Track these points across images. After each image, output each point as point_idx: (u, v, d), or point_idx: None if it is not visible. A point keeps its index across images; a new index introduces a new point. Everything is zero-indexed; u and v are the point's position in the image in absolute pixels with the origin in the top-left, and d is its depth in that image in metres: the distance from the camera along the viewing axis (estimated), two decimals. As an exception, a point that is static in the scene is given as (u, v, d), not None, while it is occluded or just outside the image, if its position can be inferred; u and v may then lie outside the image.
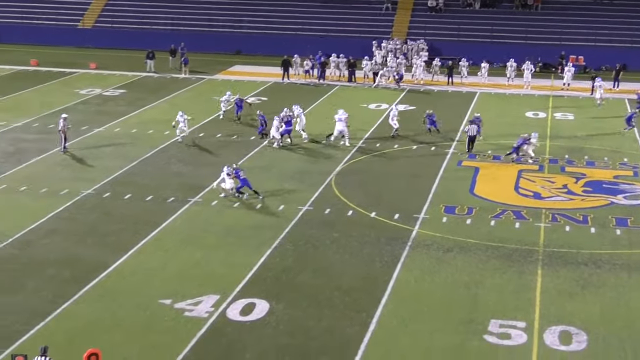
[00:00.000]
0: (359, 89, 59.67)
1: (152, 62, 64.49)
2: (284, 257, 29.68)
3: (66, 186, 36.54)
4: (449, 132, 46.59)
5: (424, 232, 31.95)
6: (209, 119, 49.42)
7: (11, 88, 57.67)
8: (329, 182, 37.69)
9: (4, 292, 26.58)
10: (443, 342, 23.79)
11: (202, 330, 24.28)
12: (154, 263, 29.07)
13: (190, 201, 34.85)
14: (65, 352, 22.56)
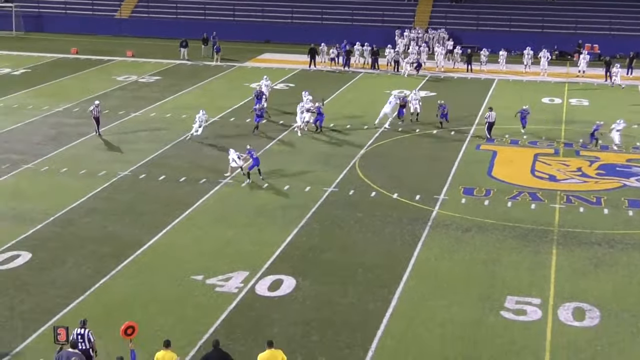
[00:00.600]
0: (382, 76, 59.47)
1: (185, 50, 64.58)
2: (311, 235, 29.71)
3: (104, 168, 36.72)
4: (468, 116, 46.35)
5: (443, 213, 31.86)
6: (239, 104, 49.44)
7: (53, 75, 57.96)
8: (353, 165, 37.63)
9: (47, 268, 26.79)
10: (461, 317, 23.74)
11: (232, 305, 24.37)
12: (186, 241, 29.18)
13: (221, 182, 34.93)
14: (104, 324, 22.71)
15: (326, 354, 21.76)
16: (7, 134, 42.57)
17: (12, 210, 31.72)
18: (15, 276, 26.17)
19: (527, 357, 21.66)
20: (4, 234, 29.43)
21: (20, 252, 27.96)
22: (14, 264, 27.03)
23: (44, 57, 64.85)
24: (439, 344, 22.21)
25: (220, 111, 47.24)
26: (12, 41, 72.28)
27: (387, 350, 21.95)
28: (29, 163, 37.43)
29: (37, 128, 43.54)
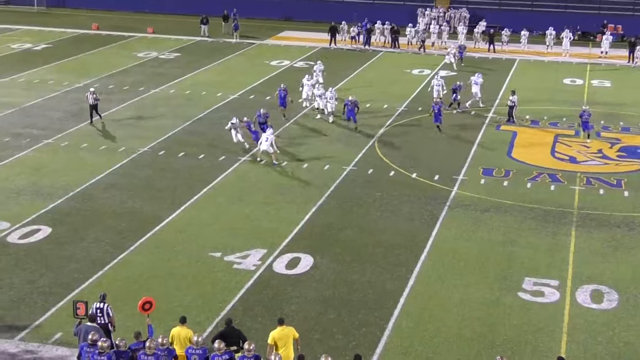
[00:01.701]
0: (402, 55, 59.18)
1: (206, 27, 64.50)
2: (329, 214, 29.73)
3: (124, 144, 36.83)
4: (489, 97, 46.08)
5: (462, 193, 31.78)
6: (259, 81, 49.40)
7: (73, 50, 58.06)
8: (373, 144, 37.57)
9: (66, 243, 26.96)
10: (478, 297, 23.74)
11: (250, 282, 24.46)
12: (205, 218, 29.27)
13: (240, 160, 34.96)
14: (122, 299, 22.87)
15: (343, 332, 21.83)
16: (29, 109, 42.74)
17: (32, 185, 31.91)
18: (36, 250, 26.37)
19: (544, 339, 21.64)
20: (24, 208, 29.64)
21: (41, 226, 28.15)
22: (34, 239, 27.23)
23: (65, 33, 64.95)
24: (456, 324, 22.22)
25: (240, 88, 47.21)
26: (33, 16, 72.42)
27: (404, 330, 21.98)
28: (50, 138, 37.60)
29: (58, 103, 43.69)
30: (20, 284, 24.14)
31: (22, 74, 50.33)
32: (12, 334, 21.47)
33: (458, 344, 21.27)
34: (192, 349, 18.28)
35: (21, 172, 33.22)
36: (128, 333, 19.44)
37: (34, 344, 21.02)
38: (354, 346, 21.00)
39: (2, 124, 39.94)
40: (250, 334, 19.98)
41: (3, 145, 36.56)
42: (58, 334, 21.31)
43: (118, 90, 46.74)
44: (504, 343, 21.37)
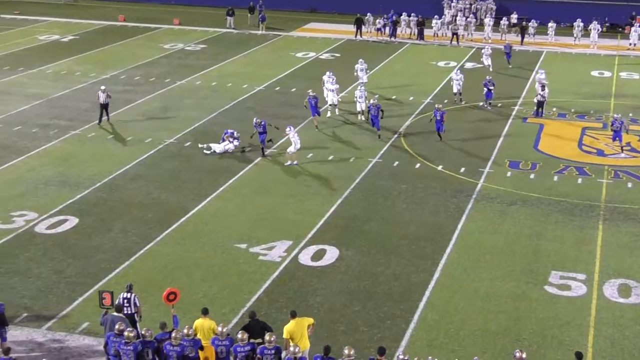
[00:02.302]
0: (428, 47, 58.95)
1: (232, 19, 64.57)
2: (354, 206, 29.71)
3: (150, 135, 36.97)
4: (515, 89, 45.84)
5: (488, 186, 31.65)
6: (284, 73, 49.41)
7: (101, 42, 58.32)
8: (398, 136, 37.48)
9: (93, 233, 27.13)
10: (504, 290, 23.64)
11: (275, 274, 24.50)
12: (230, 209, 29.34)
13: (266, 151, 34.96)
14: (148, 290, 22.99)
15: (368, 325, 21.82)
16: (56, 100, 43.02)
17: (60, 175, 32.11)
18: (63, 240, 26.55)
19: (571, 333, 21.52)
20: (52, 199, 29.84)
21: (68, 217, 28.34)
22: (61, 229, 27.41)
23: (92, 24, 65.24)
24: (481, 317, 22.15)
25: (266, 80, 47.23)
26: (61, 8, 72.80)
27: (429, 323, 21.94)
28: (77, 129, 37.82)
29: (85, 94, 43.91)
30: (47, 273, 24.33)
31: (50, 65, 50.64)
32: (40, 323, 21.65)
33: (483, 337, 21.20)
34: (219, 340, 18.35)
35: (49, 163, 33.44)
36: (154, 323, 19.53)
37: (61, 333, 21.18)
38: (378, 338, 20.99)
39: (30, 115, 40.22)
40: (276, 326, 19.99)
41: (31, 136, 36.82)
42: (85, 324, 21.46)
43: (144, 82, 46.92)
44: (529, 337, 21.27)
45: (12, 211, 28.69)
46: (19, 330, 21.18)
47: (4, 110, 40.79)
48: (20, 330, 21.20)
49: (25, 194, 30.29)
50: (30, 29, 62.92)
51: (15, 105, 41.75)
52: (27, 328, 21.35)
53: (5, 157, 34.13)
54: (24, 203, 29.45)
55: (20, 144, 35.85)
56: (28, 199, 29.88)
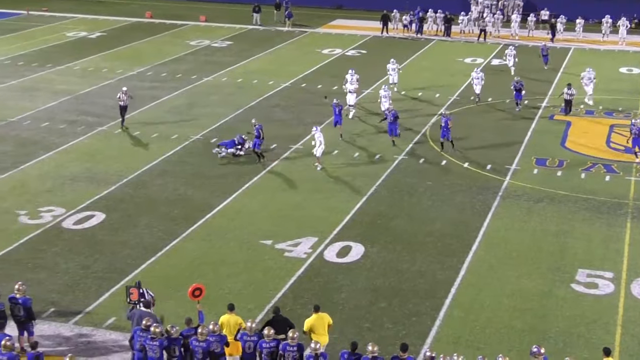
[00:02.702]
0: (455, 44, 58.76)
1: (258, 16, 64.63)
2: (380, 203, 29.68)
3: (176, 131, 37.10)
4: (542, 86, 45.58)
5: (515, 183, 31.50)
6: (310, 70, 49.41)
7: (128, 38, 58.62)
8: (424, 133, 37.38)
9: (119, 229, 27.28)
10: (530, 288, 23.53)
11: (301, 270, 24.52)
12: (256, 205, 29.39)
13: (292, 148, 35.01)
14: (174, 285, 23.11)
15: (393, 322, 21.79)
16: (83, 96, 43.30)
17: (86, 171, 32.31)
18: (90, 236, 26.73)
19: (598, 331, 21.38)
20: (79, 194, 30.04)
21: (95, 212, 28.52)
22: (88, 224, 27.59)
23: (119, 21, 65.58)
24: (507, 315, 22.05)
25: (291, 77, 47.25)
26: (88, 5, 73.16)
27: (455, 320, 21.88)
28: (104, 125, 38.04)
29: (112, 91, 44.06)
30: (74, 269, 24.50)
31: (77, 61, 50.96)
32: (67, 318, 21.80)
33: (509, 335, 21.11)
34: (247, 335, 18.37)
35: (76, 159, 33.66)
36: (179, 319, 19.60)
37: (87, 328, 21.32)
38: (404, 335, 20.94)
39: (58, 111, 40.51)
40: (301, 322, 19.99)
41: (58, 132, 37.08)
42: (111, 319, 21.58)
43: (171, 79, 47.11)
44: (556, 335, 21.15)
45: (40, 206, 28.91)
46: (47, 325, 21.35)
47: (32, 106, 41.11)
48: (48, 325, 21.37)
49: (52, 190, 30.52)
50: (58, 25, 63.34)
51: (44, 101, 42.07)
52: (54, 323, 21.51)
53: (33, 152, 34.40)
54: (52, 198, 29.67)
55: (48, 139, 36.13)
56: (55, 194, 30.11)
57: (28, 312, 19.89)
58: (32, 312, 20.09)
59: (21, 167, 32.85)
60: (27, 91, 44.06)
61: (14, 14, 67.64)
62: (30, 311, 19.98)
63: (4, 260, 25.03)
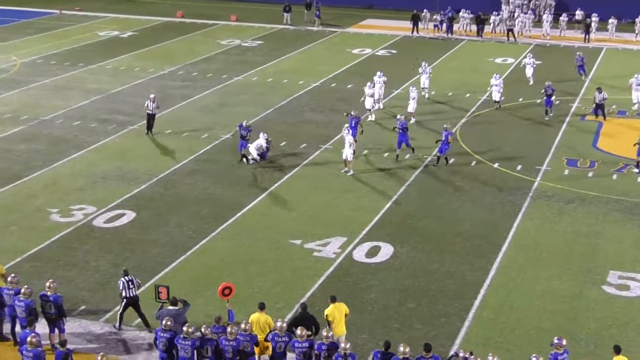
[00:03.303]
0: (486, 44, 58.43)
1: (288, 15, 64.65)
2: (409, 203, 29.58)
3: (206, 130, 37.22)
4: (574, 86, 45.21)
5: (545, 184, 31.27)
6: (340, 70, 49.35)
7: (159, 38, 58.88)
8: (454, 133, 37.18)
9: (150, 228, 27.41)
10: (561, 289, 23.36)
11: (330, 270, 24.50)
12: (285, 205, 29.41)
13: (321, 148, 35.00)
14: (204, 284, 23.21)
15: (422, 322, 21.71)
16: (115, 95, 43.56)
17: (117, 169, 32.49)
18: (121, 234, 26.89)
19: (629, 333, 21.18)
20: (110, 193, 30.22)
21: (125, 211, 28.67)
22: (119, 222, 27.75)
23: (151, 20, 65.90)
24: (537, 316, 21.90)
25: (321, 77, 47.23)
26: (120, 4, 73.56)
27: (484, 321, 21.76)
28: (135, 124, 38.23)
29: (143, 90, 44.33)
30: (105, 267, 24.65)
31: (109, 61, 51.27)
32: (98, 315, 21.95)
33: (539, 336, 20.94)
34: (278, 336, 18.33)
35: (107, 157, 33.86)
36: (209, 318, 19.69)
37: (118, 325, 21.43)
38: (433, 336, 20.85)
39: (90, 109, 40.79)
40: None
41: (90, 131, 37.33)
42: (141, 317, 21.68)
43: (201, 78, 47.26)
44: (586, 337, 20.98)
45: (72, 205, 29.12)
46: (77, 322, 21.49)
47: (64, 105, 41.43)
48: (78, 322, 21.51)
49: (84, 188, 30.72)
50: (90, 25, 63.76)
51: (76, 100, 42.38)
52: (84, 320, 21.65)
53: (65, 151, 34.66)
54: (83, 197, 29.88)
55: (80, 138, 36.39)
56: (87, 192, 30.31)
57: (59, 310, 20.03)
58: (63, 309, 20.23)
59: (53, 165, 33.11)
60: (60, 90, 44.41)
61: (47, 14, 68.20)
62: (62, 308, 20.12)
63: (36, 257, 25.25)
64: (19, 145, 35.41)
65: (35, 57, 52.11)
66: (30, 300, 19.77)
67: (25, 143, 35.66)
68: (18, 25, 63.13)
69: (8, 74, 47.80)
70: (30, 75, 47.46)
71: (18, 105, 41.39)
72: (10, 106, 41.12)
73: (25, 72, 48.12)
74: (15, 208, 28.98)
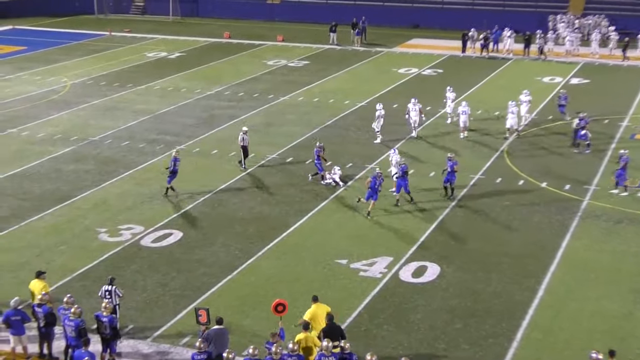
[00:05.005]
0: (532, 63, 58.07)
1: (334, 35, 64.89)
2: (455, 222, 29.44)
3: (253, 150, 37.31)
4: (622, 105, 44.73)
5: (594, 203, 30.94)
6: (386, 89, 49.38)
7: (206, 58, 59.47)
8: (501, 152, 37.00)
9: (197, 247, 27.58)
10: (611, 309, 23.06)
11: (376, 289, 24.44)
12: (331, 224, 29.43)
13: (367, 167, 34.98)
14: (250, 304, 23.29)
15: (469, 342, 21.56)
16: (162, 115, 44.01)
17: (165, 190, 32.73)
18: (168, 254, 27.09)
19: (680, 356, 20.84)
20: (157, 212, 30.49)
21: (172, 230, 28.91)
22: (166, 242, 27.98)
23: (198, 41, 66.58)
24: (587, 337, 21.63)
25: (367, 96, 47.26)
26: (168, 25, 74.56)
27: (533, 342, 21.54)
28: (182, 144, 38.54)
29: (190, 110, 44.80)
30: (152, 286, 24.85)
31: (157, 81, 51.87)
32: (145, 334, 22.12)
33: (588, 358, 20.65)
34: (324, 356, 18.29)
35: (155, 177, 34.16)
36: (256, 338, 19.73)
37: (165, 345, 21.59)
38: (480, 357, 20.72)
39: (138, 130, 41.26)
40: (376, 342, 19.94)
41: (138, 151, 37.74)
42: (188, 337, 21.80)
43: (248, 98, 47.58)
44: (636, 358, 20.69)
45: (120, 224, 29.43)
46: (125, 341, 21.66)
47: (113, 125, 41.96)
48: (127, 341, 21.69)
49: (132, 208, 31.04)
50: (139, 46, 64.62)
51: (125, 120, 42.90)
52: (132, 339, 21.83)
53: (114, 171, 35.08)
54: (131, 216, 30.19)
55: (128, 158, 36.81)
56: (135, 212, 30.61)
57: (114, 331, 20.24)
58: (118, 330, 20.47)
59: (102, 185, 33.51)
60: (109, 110, 45.01)
61: (97, 35, 69.28)
62: (116, 329, 20.36)
63: (85, 277, 25.54)
64: (68, 165, 35.93)
65: (85, 78, 52.92)
66: (80, 320, 19.98)
67: (74, 163, 36.17)
68: (69, 47, 64.20)
69: (59, 95, 48.58)
70: (80, 96, 48.19)
71: (68, 125, 42.02)
72: (60, 127, 41.75)
73: (76, 93, 48.87)
74: (65, 228, 29.37)
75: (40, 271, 22.26)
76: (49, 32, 71.65)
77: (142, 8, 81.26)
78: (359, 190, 32.23)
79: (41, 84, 51.34)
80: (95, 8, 79.46)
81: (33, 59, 59.27)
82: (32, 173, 34.98)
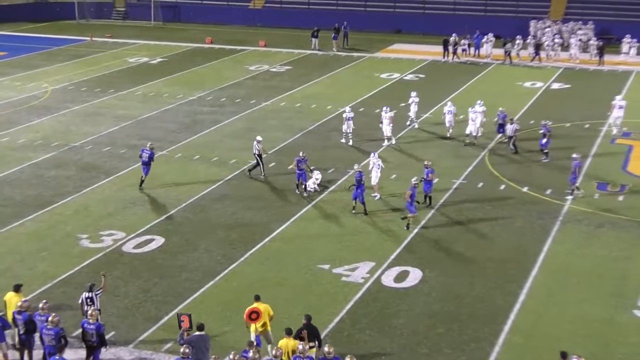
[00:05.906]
0: (514, 68, 58.30)
1: (316, 40, 64.96)
2: (438, 227, 29.49)
3: (235, 155, 37.35)
4: (602, 110, 44.93)
5: (575, 208, 31.07)
6: (368, 94, 49.46)
7: (188, 63, 59.39)
8: (483, 158, 37.11)
9: (179, 252, 27.49)
10: (591, 314, 23.16)
11: (358, 295, 24.44)
12: (314, 230, 29.41)
13: (349, 172, 34.97)
14: (233, 309, 23.21)
15: (451, 347, 21.59)
16: (144, 121, 43.88)
17: (146, 195, 32.67)
18: (150, 260, 26.98)
19: (661, 359, 20.95)
20: (139, 218, 30.38)
21: (154, 236, 28.80)
22: (148, 248, 27.87)
23: (180, 47, 66.49)
24: (568, 342, 21.65)
25: (349, 101, 47.26)
26: (150, 31, 74.40)
27: (514, 346, 21.59)
28: (164, 150, 38.45)
29: (173, 116, 44.70)
30: (134, 292, 24.74)
31: (139, 87, 51.72)
32: (127, 341, 21.99)
33: (570, 362, 20.75)
34: (300, 358, 18.34)
35: (136, 183, 33.97)
36: (237, 344, 19.66)
37: (147, 351, 21.48)
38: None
39: (119, 135, 41.10)
40: (359, 347, 19.92)
41: (120, 157, 37.60)
42: (170, 343, 21.68)
43: (230, 103, 47.53)
44: (618, 363, 20.77)
45: (101, 230, 29.30)
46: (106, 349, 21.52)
47: (94, 131, 41.79)
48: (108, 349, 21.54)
49: (113, 214, 30.91)
50: (121, 51, 64.45)
51: (106, 126, 42.73)
52: (114, 347, 21.67)
53: (95, 177, 34.92)
54: (113, 222, 30.06)
55: (109, 164, 36.66)
56: (116, 218, 30.48)
57: (101, 338, 20.08)
58: (105, 338, 20.29)
59: (83, 191, 33.36)
60: (90, 116, 44.82)
61: (78, 41, 69.05)
62: (103, 337, 20.18)
63: (66, 283, 25.38)
64: (49, 171, 35.74)
65: (66, 83, 52.70)
66: (59, 328, 19.82)
67: (55, 169, 35.99)
68: (50, 53, 63.94)
69: (39, 100, 48.34)
70: (61, 101, 47.97)
71: (49, 131, 41.81)
72: (41, 132, 41.54)
73: (56, 99, 48.65)
74: (46, 234, 29.21)
75: (19, 284, 21.94)
76: (29, 37, 71.36)
77: (123, 13, 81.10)
78: (342, 195, 32.27)
79: (22, 89, 51.09)
80: (77, 13, 79.21)
81: (14, 65, 58.99)
82: (12, 179, 34.77)
